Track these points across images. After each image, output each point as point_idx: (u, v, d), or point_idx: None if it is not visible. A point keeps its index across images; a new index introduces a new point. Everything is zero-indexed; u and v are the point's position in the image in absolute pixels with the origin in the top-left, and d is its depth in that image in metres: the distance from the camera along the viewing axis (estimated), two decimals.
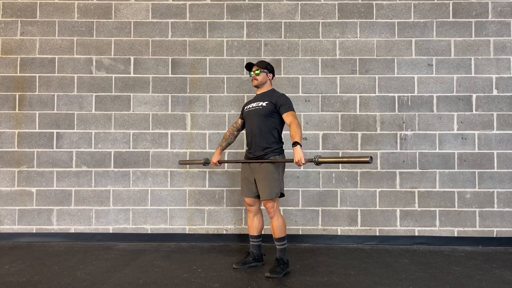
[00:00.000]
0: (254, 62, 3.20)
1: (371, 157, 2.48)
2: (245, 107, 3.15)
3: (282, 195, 2.97)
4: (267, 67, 3.10)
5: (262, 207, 3.23)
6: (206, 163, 3.31)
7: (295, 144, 2.74)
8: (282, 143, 3.07)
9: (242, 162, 3.10)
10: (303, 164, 2.72)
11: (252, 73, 3.09)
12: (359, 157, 2.56)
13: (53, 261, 3.27)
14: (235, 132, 3.28)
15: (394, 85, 4.04)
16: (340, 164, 3.98)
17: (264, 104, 2.99)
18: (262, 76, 3.07)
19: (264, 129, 2.97)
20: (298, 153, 2.72)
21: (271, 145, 2.96)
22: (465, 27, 4.05)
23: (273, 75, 3.17)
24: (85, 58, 4.12)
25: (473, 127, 3.99)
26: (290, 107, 2.95)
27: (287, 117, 2.91)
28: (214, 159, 3.22)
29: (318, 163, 2.68)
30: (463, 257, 3.50)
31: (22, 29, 4.13)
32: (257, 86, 3.11)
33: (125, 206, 4.04)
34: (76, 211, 4.04)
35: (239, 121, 3.25)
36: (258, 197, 3.05)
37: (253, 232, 3.13)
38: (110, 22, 4.14)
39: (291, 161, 2.80)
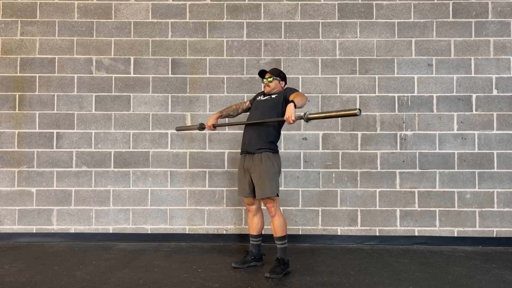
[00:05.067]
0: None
1: (359, 109, 2.41)
2: (257, 97, 3.21)
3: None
4: (280, 75, 3.15)
5: (263, 207, 3.23)
6: (201, 127, 3.34)
7: (290, 102, 2.74)
8: (278, 140, 3.08)
9: (235, 124, 3.13)
10: (293, 121, 2.69)
11: (264, 80, 3.13)
12: (347, 110, 2.48)
13: (53, 261, 3.27)
14: (239, 110, 3.33)
15: (394, 85, 4.05)
16: (340, 163, 3.99)
17: (273, 96, 3.06)
18: (274, 84, 3.11)
19: (264, 123, 2.98)
20: (290, 109, 2.71)
21: (267, 139, 2.97)
22: (465, 27, 4.05)
23: (285, 83, 3.22)
24: (85, 58, 4.12)
25: (473, 127, 3.99)
26: (295, 90, 2.98)
27: (291, 96, 2.86)
28: (210, 122, 3.22)
29: (308, 120, 2.65)
30: (463, 257, 3.50)
31: (22, 29, 4.13)
32: (269, 93, 3.14)
33: (125, 206, 4.04)
34: (76, 211, 4.04)
35: (247, 103, 3.31)
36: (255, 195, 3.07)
37: (253, 231, 3.14)
38: (110, 22, 4.14)
39: (282, 120, 2.79)
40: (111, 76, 4.11)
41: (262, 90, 3.22)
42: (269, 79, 3.09)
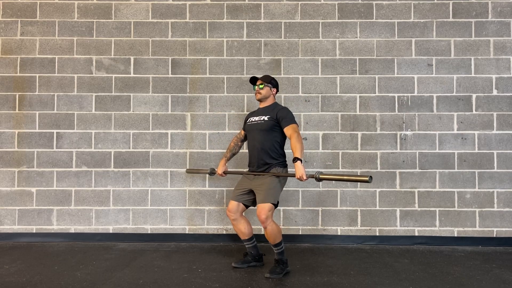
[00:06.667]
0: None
1: (370, 176, 2.52)
2: (248, 120, 3.17)
3: (276, 204, 2.95)
4: (271, 82, 3.14)
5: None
6: (212, 173, 3.37)
7: (295, 160, 2.75)
8: (285, 156, 3.07)
9: (247, 174, 3.09)
10: (305, 180, 2.74)
11: (256, 87, 3.12)
12: (359, 176, 2.59)
13: (53, 261, 3.27)
14: (239, 143, 3.33)
15: (394, 85, 4.05)
16: (340, 163, 3.99)
17: (265, 118, 3.01)
18: (265, 91, 3.10)
19: (266, 144, 2.98)
20: (299, 169, 2.74)
21: (274, 159, 2.98)
22: (465, 27, 4.05)
23: (277, 90, 3.21)
24: (85, 58, 4.12)
25: (473, 127, 3.99)
26: (291, 121, 2.94)
27: (287, 130, 2.92)
28: (220, 170, 3.24)
29: (319, 180, 2.71)
30: (463, 257, 3.50)
31: (22, 29, 4.13)
32: (260, 100, 3.14)
33: (125, 206, 4.04)
34: (76, 211, 4.04)
35: (242, 132, 3.29)
36: (243, 204, 3.06)
37: (243, 236, 3.12)
38: (110, 22, 4.14)
39: (293, 175, 2.81)
40: (111, 76, 4.11)
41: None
42: (260, 86, 3.09)
